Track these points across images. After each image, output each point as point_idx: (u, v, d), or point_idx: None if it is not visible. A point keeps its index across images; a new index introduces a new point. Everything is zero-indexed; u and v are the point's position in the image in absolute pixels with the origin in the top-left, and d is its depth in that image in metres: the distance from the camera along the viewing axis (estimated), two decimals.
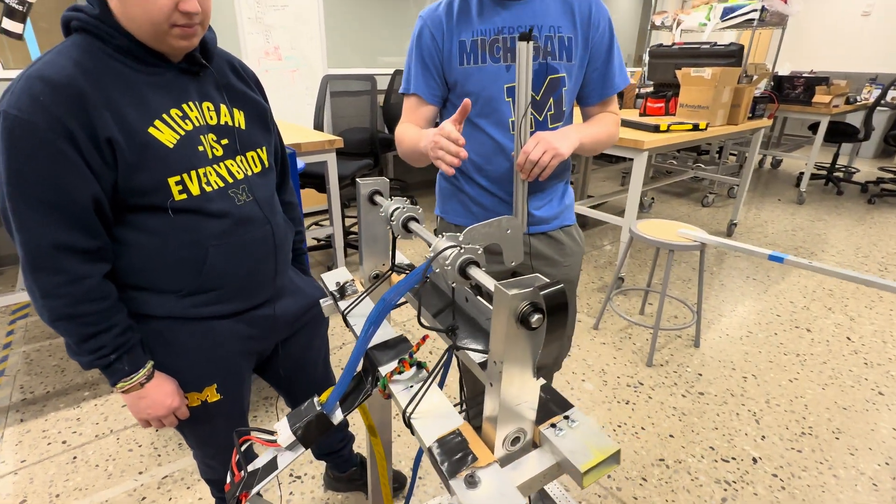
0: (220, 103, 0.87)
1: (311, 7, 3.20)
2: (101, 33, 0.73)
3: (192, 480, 1.46)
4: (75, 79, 0.69)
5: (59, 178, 0.70)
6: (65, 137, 0.69)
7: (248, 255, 0.89)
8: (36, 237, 0.71)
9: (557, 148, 0.95)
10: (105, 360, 0.78)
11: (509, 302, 0.39)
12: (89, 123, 0.70)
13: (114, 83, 0.73)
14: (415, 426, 0.49)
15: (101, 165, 0.72)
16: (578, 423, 0.48)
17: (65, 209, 0.71)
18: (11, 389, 1.85)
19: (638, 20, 7.01)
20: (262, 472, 0.58)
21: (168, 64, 0.80)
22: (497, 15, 1.00)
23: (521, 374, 0.43)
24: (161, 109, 0.78)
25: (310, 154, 2.12)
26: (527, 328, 0.40)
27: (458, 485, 0.42)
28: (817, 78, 4.10)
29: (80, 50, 0.72)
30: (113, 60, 0.74)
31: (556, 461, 0.46)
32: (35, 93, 0.67)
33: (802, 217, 3.93)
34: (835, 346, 2.20)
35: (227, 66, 0.93)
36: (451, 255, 0.48)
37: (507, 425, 0.45)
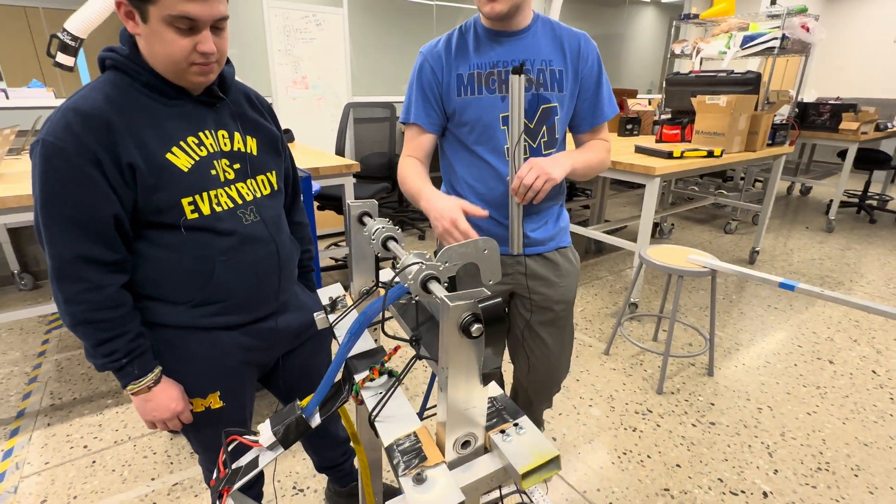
0: (234, 131, 0.96)
1: (338, 39, 3.38)
2: (130, 70, 0.83)
3: (199, 489, 1.52)
4: (104, 111, 0.78)
5: (86, 198, 0.79)
6: (92, 162, 0.77)
7: (252, 270, 0.96)
8: (62, 249, 0.79)
9: (550, 173, 1.00)
10: (117, 364, 0.85)
11: (451, 312, 0.43)
12: (114, 150, 0.79)
13: (138, 114, 0.82)
14: (377, 428, 0.53)
15: (122, 187, 0.81)
16: (525, 430, 0.51)
17: (89, 225, 0.80)
18: (42, 395, 1.96)
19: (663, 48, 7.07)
20: (244, 469, 0.63)
21: (188, 96, 0.89)
22: (492, 50, 1.07)
23: (468, 381, 0.47)
24: (179, 137, 0.86)
25: (328, 178, 2.22)
26: (468, 337, 0.44)
27: (407, 481, 0.46)
28: (844, 105, 4.03)
29: (111, 85, 0.82)
30: (139, 94, 0.84)
31: (502, 465, 0.49)
32: (69, 123, 0.76)
33: (831, 246, 3.81)
34: (859, 379, 2.11)
35: (243, 97, 1.02)
36: (414, 270, 0.53)
37: (456, 429, 0.48)
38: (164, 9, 0.75)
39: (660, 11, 6.94)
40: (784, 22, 3.55)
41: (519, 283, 1.20)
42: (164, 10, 0.75)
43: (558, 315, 1.25)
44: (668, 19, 6.88)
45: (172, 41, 0.78)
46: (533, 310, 1.23)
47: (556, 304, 1.22)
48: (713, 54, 3.91)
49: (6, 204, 1.55)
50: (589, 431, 1.79)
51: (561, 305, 1.23)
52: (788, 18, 3.58)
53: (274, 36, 3.16)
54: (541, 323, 1.25)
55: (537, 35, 1.07)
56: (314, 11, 3.27)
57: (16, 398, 1.94)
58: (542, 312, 1.23)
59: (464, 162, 1.15)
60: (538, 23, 1.09)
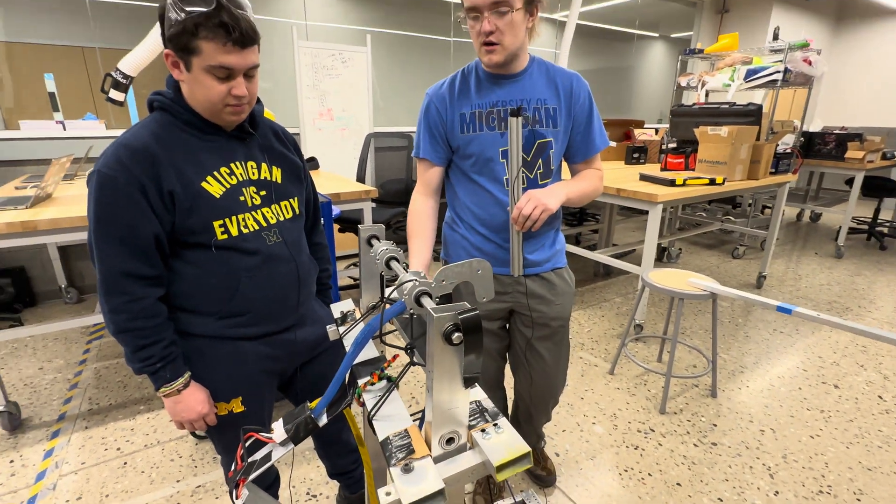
0: (261, 162, 1.04)
1: (361, 75, 3.55)
2: (174, 111, 0.93)
3: (220, 492, 1.57)
4: (150, 146, 0.88)
5: (131, 220, 0.87)
6: (138, 190, 0.86)
7: (274, 286, 1.03)
8: (109, 265, 0.88)
9: (546, 204, 1.06)
10: (152, 368, 0.92)
11: (436, 322, 0.49)
12: (157, 179, 0.88)
13: (179, 148, 0.92)
14: (374, 425, 0.58)
15: (163, 211, 0.90)
16: (503, 429, 0.55)
17: (133, 244, 0.88)
18: (81, 400, 2.06)
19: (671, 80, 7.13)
20: (259, 462, 0.68)
21: (222, 132, 0.98)
22: (492, 91, 1.14)
23: (451, 384, 0.52)
24: (212, 167, 0.95)
25: (349, 202, 2.31)
26: (450, 344, 0.49)
27: (396, 470, 0.51)
28: (849, 134, 4.01)
29: (157, 124, 0.92)
30: (180, 131, 0.93)
31: (481, 460, 0.53)
32: (120, 156, 0.86)
33: (840, 272, 3.74)
34: (864, 404, 2.06)
35: (270, 132, 1.11)
36: (409, 287, 0.59)
37: (441, 427, 0.53)
38: (206, 60, 0.85)
39: (667, 46, 7.04)
40: (786, 56, 3.58)
41: (519, 302, 1.25)
42: (205, 61, 0.85)
43: (555, 331, 1.28)
44: (675, 53, 6.96)
45: (211, 86, 0.88)
46: (532, 326, 1.27)
47: (553, 321, 1.26)
48: (718, 87, 3.95)
49: (60, 224, 1.67)
50: (592, 448, 1.79)
51: (558, 322, 1.27)
52: (790, 53, 3.61)
53: (303, 72, 3.33)
54: (539, 338, 1.28)
55: (533, 77, 1.15)
56: (341, 50, 3.44)
57: (58, 402, 2.04)
58: (540, 328, 1.27)
59: (467, 190, 1.21)
60: (534, 65, 1.16)
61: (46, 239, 1.70)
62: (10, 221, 1.61)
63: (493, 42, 1.04)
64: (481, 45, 1.06)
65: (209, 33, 0.83)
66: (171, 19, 0.83)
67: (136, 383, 2.18)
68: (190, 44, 0.84)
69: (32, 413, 1.96)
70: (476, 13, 1.03)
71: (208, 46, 0.84)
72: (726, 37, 4.13)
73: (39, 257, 2.99)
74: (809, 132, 4.20)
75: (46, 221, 1.64)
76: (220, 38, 0.83)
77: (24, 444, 1.78)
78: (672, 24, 6.76)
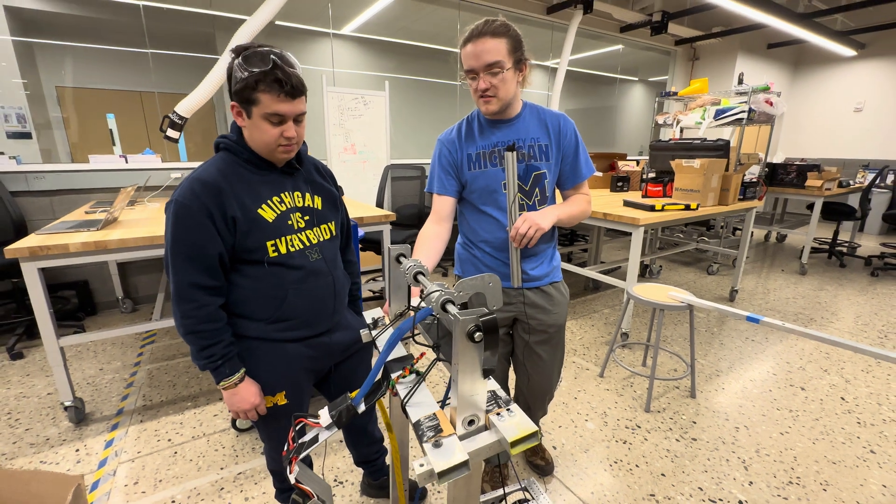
0: (305, 192, 1.11)
1: (380, 115, 3.67)
2: (236, 151, 1.00)
3: (259, 478, 1.60)
4: (217, 180, 0.95)
5: (200, 241, 0.94)
6: (207, 216, 0.93)
7: (314, 296, 1.09)
8: (182, 277, 0.94)
9: (539, 223, 1.12)
10: (214, 364, 0.98)
11: (461, 324, 0.54)
12: (222, 207, 0.95)
13: (240, 181, 0.99)
14: (407, 410, 0.63)
15: (226, 233, 0.96)
16: (515, 413, 0.60)
17: (201, 260, 0.95)
18: (136, 397, 2.10)
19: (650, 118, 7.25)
20: (307, 444, 0.73)
21: (275, 168, 1.05)
22: (493, 134, 1.21)
23: (472, 375, 0.57)
24: (266, 197, 1.02)
25: (370, 225, 2.38)
26: (473, 342, 0.55)
27: (428, 446, 0.55)
28: (808, 165, 4.07)
29: (223, 162, 0.99)
30: (241, 167, 1.01)
31: (497, 438, 0.58)
32: (193, 188, 0.93)
33: (805, 287, 3.74)
34: (828, 404, 2.07)
35: (313, 167, 1.18)
36: (436, 295, 0.65)
37: (464, 411, 0.58)
38: (263, 108, 0.93)
39: (646, 88, 7.18)
40: (750, 98, 3.67)
41: (520, 311, 1.30)
42: (262, 110, 0.93)
43: (552, 336, 1.32)
44: (652, 95, 7.10)
45: (267, 130, 0.95)
46: (531, 332, 1.31)
47: (550, 328, 1.30)
48: (691, 124, 4.04)
49: (126, 244, 1.74)
50: (584, 442, 1.80)
51: (554, 328, 1.31)
52: (754, 95, 3.70)
53: (331, 113, 3.45)
54: (537, 342, 1.33)
55: (526, 120, 1.22)
56: (363, 94, 3.57)
57: (116, 399, 2.09)
58: (538, 334, 1.31)
59: (475, 218, 1.27)
60: (526, 110, 1.23)
61: (115, 257, 1.77)
62: (85, 241, 1.68)
63: (490, 95, 1.11)
64: (479, 97, 1.14)
65: (266, 87, 0.91)
66: (237, 77, 0.91)
67: (184, 383, 2.22)
68: (251, 96, 0.92)
69: (94, 408, 2.01)
70: (474, 74, 1.11)
71: (265, 98, 0.92)
72: (697, 81, 4.25)
73: (101, 272, 3.08)
74: (773, 163, 4.26)
75: (115, 241, 1.72)
76: (274, 90, 0.92)
77: (87, 436, 1.82)
78: (650, 70, 6.92)
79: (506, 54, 1.07)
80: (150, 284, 3.27)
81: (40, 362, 2.42)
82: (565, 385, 2.22)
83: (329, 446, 1.76)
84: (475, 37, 1.07)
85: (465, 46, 1.09)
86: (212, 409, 2.00)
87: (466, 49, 1.09)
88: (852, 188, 4.30)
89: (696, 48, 6.32)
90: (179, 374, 2.31)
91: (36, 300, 1.68)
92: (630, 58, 6.21)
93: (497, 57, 1.06)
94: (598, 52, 6.07)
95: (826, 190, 3.87)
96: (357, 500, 1.51)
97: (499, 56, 1.06)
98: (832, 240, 4.52)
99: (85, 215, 2.29)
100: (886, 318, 3.07)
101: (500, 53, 1.06)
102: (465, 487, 0.60)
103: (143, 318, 3.00)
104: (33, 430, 1.85)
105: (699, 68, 6.37)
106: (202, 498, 1.51)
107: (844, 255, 4.45)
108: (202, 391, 2.15)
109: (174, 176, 3.15)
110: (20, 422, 1.91)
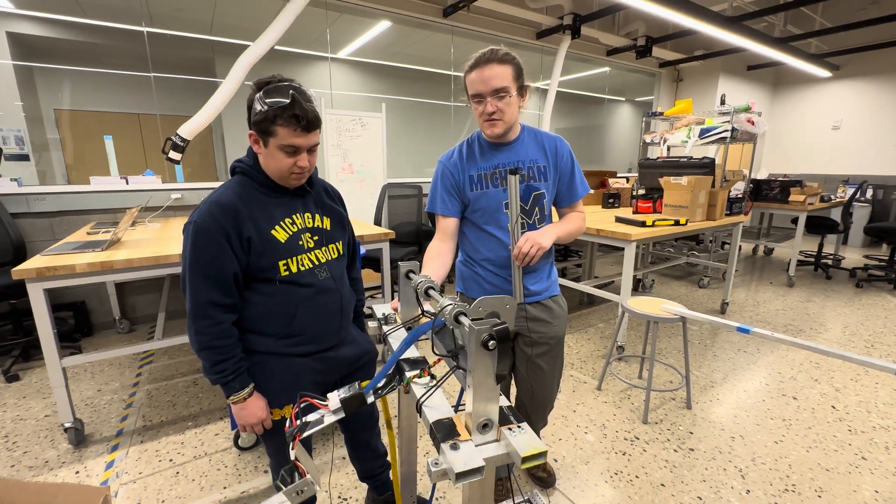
0: (315, 213, 1.17)
1: (377, 136, 3.76)
2: (251, 175, 1.06)
3: (263, 497, 1.59)
4: (234, 202, 1.00)
5: (217, 260, 0.98)
6: (224, 236, 0.98)
7: (323, 313, 1.13)
8: (198, 295, 0.98)
9: (540, 243, 1.18)
10: (225, 379, 1.01)
11: (476, 333, 0.59)
12: (239, 228, 1.00)
13: (255, 204, 1.04)
14: (423, 411, 0.67)
15: (241, 253, 1.01)
16: (525, 430, 0.64)
17: (218, 279, 0.99)
18: (136, 418, 2.09)
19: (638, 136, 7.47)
20: (311, 424, 0.74)
21: (287, 191, 1.11)
22: (493, 156, 1.28)
23: (486, 381, 0.61)
24: (279, 219, 1.07)
25: (369, 243, 2.43)
26: (486, 349, 0.59)
27: (445, 447, 0.59)
28: (791, 181, 4.22)
29: (239, 185, 1.04)
30: (255, 191, 1.06)
31: (507, 450, 0.62)
32: (212, 210, 0.98)
33: (793, 298, 3.84)
34: (820, 413, 2.12)
35: (322, 189, 1.24)
36: (449, 308, 0.69)
37: (479, 415, 0.62)
38: (279, 140, 0.99)
39: (633, 108, 7.42)
40: (732, 117, 3.83)
41: (522, 326, 1.34)
42: (279, 141, 0.99)
43: (552, 347, 1.37)
44: (639, 114, 7.33)
45: (281, 160, 1.01)
46: (533, 345, 1.35)
47: (550, 339, 1.35)
48: (677, 143, 4.18)
49: (132, 264, 1.76)
50: (585, 454, 1.83)
51: (554, 340, 1.36)
52: (736, 115, 3.86)
53: (329, 134, 3.54)
54: (539, 355, 1.37)
55: (525, 142, 1.29)
56: (360, 116, 3.67)
57: (115, 420, 2.07)
58: (539, 346, 1.36)
59: (477, 237, 1.33)
60: (525, 133, 1.30)
61: (120, 277, 1.80)
62: (91, 262, 1.71)
63: (496, 119, 1.19)
64: (484, 121, 1.21)
65: (284, 122, 0.97)
66: (257, 109, 0.97)
67: (184, 402, 2.21)
68: (269, 128, 0.98)
69: (94, 429, 1.99)
70: (480, 98, 1.18)
71: (282, 131, 0.98)
72: (682, 102, 4.42)
73: (98, 293, 3.07)
74: (757, 179, 4.41)
75: (122, 262, 1.75)
76: (291, 125, 0.98)
77: (87, 457, 1.81)
78: (636, 91, 7.16)
79: (511, 80, 1.15)
80: (148, 304, 3.27)
81: (36, 384, 2.40)
82: (564, 398, 2.25)
83: (333, 464, 1.77)
84: (483, 63, 1.14)
85: (472, 72, 1.16)
86: (213, 428, 2.00)
87: (473, 75, 1.16)
88: (834, 202, 4.45)
89: (680, 70, 6.57)
90: (179, 393, 2.30)
91: (41, 321, 1.70)
92: (617, 79, 6.44)
93: (504, 83, 1.14)
94: (586, 73, 6.29)
95: (809, 205, 4.01)
96: None
97: (505, 82, 1.14)
98: (817, 253, 4.65)
99: (87, 236, 2.31)
100: (872, 328, 3.15)
101: (507, 79, 1.14)
102: (479, 490, 0.64)
103: (139, 339, 2.99)
104: (31, 453, 1.83)
105: (683, 89, 6.62)
106: None
107: (830, 268, 4.58)
108: (202, 410, 2.14)
109: (174, 196, 3.19)
110: (17, 444, 1.89)
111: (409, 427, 1.08)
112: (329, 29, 4.39)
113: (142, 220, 2.83)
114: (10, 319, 2.69)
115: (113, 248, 1.98)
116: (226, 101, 2.87)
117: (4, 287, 2.35)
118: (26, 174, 3.41)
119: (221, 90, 2.84)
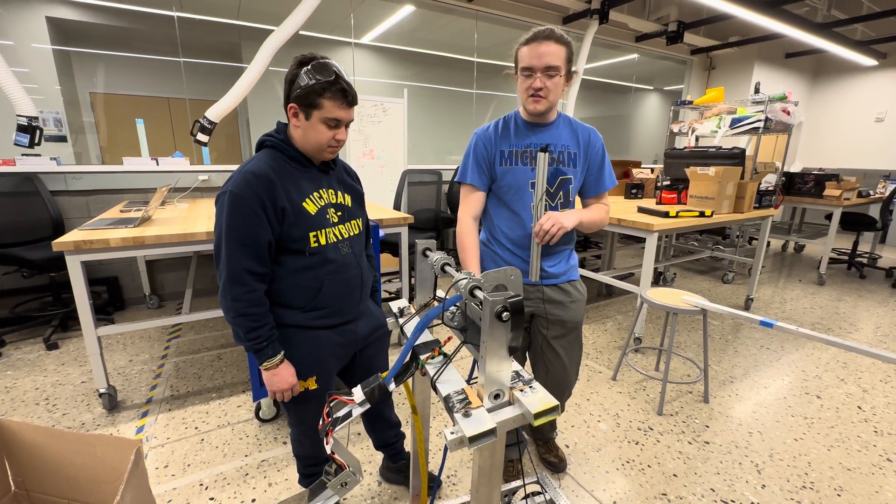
0: (338, 190, 1.19)
1: (398, 121, 3.77)
2: (282, 148, 1.09)
3: (282, 465, 1.66)
4: (268, 172, 1.03)
5: (253, 228, 1.02)
6: (259, 205, 1.01)
7: (345, 287, 1.16)
8: (235, 263, 1.02)
9: (562, 222, 1.18)
10: (259, 345, 1.05)
11: (490, 305, 0.60)
12: (273, 198, 1.03)
13: (286, 175, 1.07)
14: (437, 387, 0.69)
15: (276, 222, 1.04)
16: (536, 389, 0.65)
17: (252, 247, 1.02)
18: (164, 388, 2.20)
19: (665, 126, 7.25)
20: (341, 419, 0.79)
21: (313, 165, 1.14)
22: (527, 136, 1.28)
23: (499, 352, 0.63)
24: (309, 191, 1.10)
25: (389, 227, 2.46)
26: (500, 321, 0.60)
27: (458, 416, 0.61)
28: (826, 175, 4.04)
29: (270, 157, 1.07)
30: (285, 163, 1.09)
31: (521, 412, 0.63)
32: (247, 179, 1.01)
33: (823, 297, 3.70)
34: (844, 413, 2.06)
35: (343, 169, 1.26)
36: (464, 282, 0.71)
37: (492, 385, 0.64)
38: (325, 113, 1.02)
39: (661, 97, 7.19)
40: (766, 107, 3.68)
41: (539, 307, 1.35)
42: (324, 114, 1.02)
43: (569, 331, 1.37)
44: (668, 103, 7.09)
45: (323, 132, 1.04)
46: (549, 327, 1.36)
47: (567, 323, 1.35)
48: (706, 133, 4.05)
49: (162, 240, 1.84)
50: (597, 442, 1.83)
51: (571, 324, 1.36)
52: (770, 104, 3.70)
53: None
54: (555, 338, 1.37)
55: (560, 127, 1.28)
56: (382, 101, 3.68)
57: (145, 389, 2.19)
58: (556, 329, 1.36)
59: (501, 215, 1.34)
60: (560, 118, 1.30)
61: (151, 252, 1.87)
62: (124, 237, 1.79)
63: (541, 95, 1.18)
64: (529, 96, 1.20)
65: (332, 95, 1.00)
66: (304, 82, 1.00)
67: (209, 375, 2.31)
68: (315, 101, 1.01)
69: (125, 396, 2.11)
70: (530, 72, 1.18)
71: (328, 104, 1.01)
72: (713, 90, 4.26)
73: (130, 269, 3.21)
74: (790, 172, 4.24)
75: (152, 237, 1.82)
76: (338, 98, 1.01)
77: (119, 421, 1.92)
78: (665, 79, 6.93)
79: (563, 61, 1.16)
80: (176, 281, 3.40)
81: (74, 353, 2.54)
82: (578, 387, 2.25)
83: (348, 439, 1.82)
84: (541, 38, 1.15)
85: (527, 45, 1.17)
86: (236, 400, 2.08)
87: (527, 49, 1.16)
88: (873, 198, 4.25)
89: (713, 57, 6.32)
90: (204, 367, 2.40)
91: (78, 291, 1.79)
92: (645, 67, 6.24)
93: (557, 62, 1.15)
94: (613, 60, 6.12)
95: (845, 200, 3.84)
96: (375, 490, 1.57)
97: (558, 61, 1.15)
98: (852, 250, 4.46)
99: (120, 213, 2.41)
100: None
101: (560, 59, 1.15)
102: (490, 456, 0.66)
103: (169, 314, 3.12)
104: (70, 415, 1.95)
105: (715, 77, 6.37)
106: (228, 482, 1.58)
107: (864, 267, 4.39)
108: (226, 383, 2.24)
109: (201, 178, 3.28)
110: (57, 407, 2.02)
111: (423, 406, 1.10)
112: (353, 14, 4.40)
113: (171, 200, 2.93)
114: (51, 291, 2.85)
115: (144, 224, 2.06)
116: (251, 84, 2.92)
117: (45, 260, 2.49)
118: (64, 154, 3.56)
119: (247, 74, 2.89)
